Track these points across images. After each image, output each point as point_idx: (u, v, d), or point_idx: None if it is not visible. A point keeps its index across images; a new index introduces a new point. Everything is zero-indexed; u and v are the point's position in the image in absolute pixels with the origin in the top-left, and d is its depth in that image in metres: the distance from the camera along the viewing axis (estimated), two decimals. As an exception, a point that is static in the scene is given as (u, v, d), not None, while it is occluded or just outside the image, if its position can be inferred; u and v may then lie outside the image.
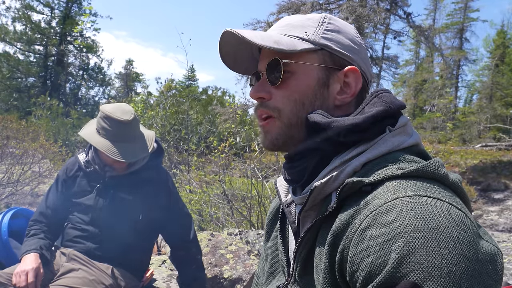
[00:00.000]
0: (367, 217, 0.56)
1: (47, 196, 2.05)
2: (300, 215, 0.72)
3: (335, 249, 0.61)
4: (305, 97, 0.74)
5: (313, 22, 0.77)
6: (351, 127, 0.66)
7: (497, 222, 7.00)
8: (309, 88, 0.74)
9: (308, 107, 0.73)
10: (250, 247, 2.46)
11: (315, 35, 0.75)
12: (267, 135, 0.76)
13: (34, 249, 1.82)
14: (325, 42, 0.75)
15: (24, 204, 4.96)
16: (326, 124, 0.68)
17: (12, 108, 22.01)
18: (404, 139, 0.68)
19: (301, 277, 0.72)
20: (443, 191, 0.58)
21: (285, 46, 0.71)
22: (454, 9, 26.81)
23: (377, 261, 0.52)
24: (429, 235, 0.50)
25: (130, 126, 1.85)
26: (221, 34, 0.74)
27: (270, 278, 0.86)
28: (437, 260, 0.48)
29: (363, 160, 0.65)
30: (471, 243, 0.51)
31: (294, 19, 0.78)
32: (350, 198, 0.62)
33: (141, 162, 1.98)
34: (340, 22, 0.79)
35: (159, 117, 8.26)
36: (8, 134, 6.08)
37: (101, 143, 1.82)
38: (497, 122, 22.27)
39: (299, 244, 0.70)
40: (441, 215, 0.52)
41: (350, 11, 9.36)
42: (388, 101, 0.70)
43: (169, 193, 2.05)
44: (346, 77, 0.75)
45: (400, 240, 0.51)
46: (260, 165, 5.16)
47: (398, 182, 0.59)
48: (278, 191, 0.84)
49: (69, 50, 26.37)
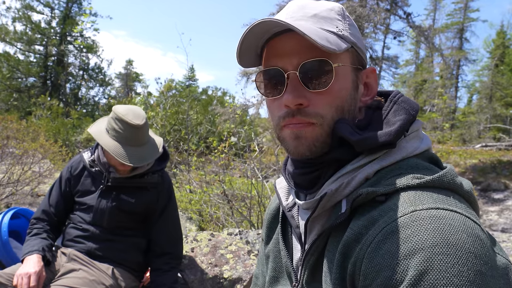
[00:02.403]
0: (382, 230, 0.54)
1: (50, 194, 2.05)
2: (307, 221, 0.70)
3: (346, 260, 0.59)
4: (345, 102, 0.67)
5: (336, 14, 0.69)
6: (383, 145, 0.63)
7: (497, 222, 7.00)
8: (347, 92, 0.68)
9: (346, 113, 0.67)
10: (250, 247, 2.46)
11: (345, 31, 0.67)
12: (302, 140, 0.66)
13: (37, 250, 1.81)
14: (353, 39, 0.69)
15: (24, 204, 4.96)
16: (359, 142, 0.63)
17: (12, 108, 21.99)
18: (417, 144, 0.66)
19: (309, 284, 0.70)
20: (459, 202, 0.57)
21: (335, 46, 0.63)
22: (454, 9, 26.81)
23: (394, 276, 0.51)
24: (448, 251, 0.49)
25: (140, 131, 1.84)
26: (257, 23, 0.63)
27: (274, 282, 0.84)
28: (456, 278, 0.48)
29: (376, 167, 0.63)
30: (487, 259, 0.51)
31: (314, 6, 0.69)
32: (362, 207, 0.60)
33: (146, 167, 1.98)
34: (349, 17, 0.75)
35: (159, 117, 8.26)
36: (8, 134, 6.08)
37: (110, 144, 1.81)
38: (497, 122, 22.27)
39: (307, 251, 0.68)
40: (459, 230, 0.51)
41: (350, 11, 9.35)
42: (409, 107, 0.67)
43: (168, 200, 2.05)
44: (367, 77, 0.72)
45: (418, 256, 0.50)
46: (260, 165, 5.16)
47: (414, 193, 0.57)
48: (278, 194, 0.81)
49: (69, 50, 26.36)
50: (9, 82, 23.31)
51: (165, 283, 1.92)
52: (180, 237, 2.09)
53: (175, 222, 2.08)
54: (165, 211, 2.02)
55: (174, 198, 2.10)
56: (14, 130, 6.50)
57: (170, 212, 2.04)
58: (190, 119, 10.83)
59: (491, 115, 22.66)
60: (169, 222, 2.04)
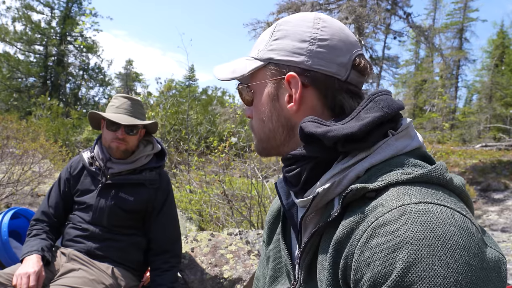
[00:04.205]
0: (372, 224, 0.55)
1: (49, 195, 2.06)
2: (302, 219, 0.71)
3: (338, 256, 0.60)
4: (263, 114, 0.77)
5: (268, 35, 0.77)
6: (347, 137, 0.64)
7: (497, 222, 7.00)
8: (263, 105, 0.77)
9: (268, 123, 0.77)
10: (250, 247, 2.46)
11: (263, 51, 0.76)
12: (255, 143, 0.83)
13: (36, 250, 1.81)
14: (269, 54, 0.75)
15: (24, 204, 4.96)
16: (322, 135, 0.65)
17: (12, 108, 22.00)
18: (408, 142, 0.66)
19: (307, 283, 0.71)
20: (448, 196, 0.58)
21: (238, 73, 0.77)
22: (453, 9, 26.83)
23: (382, 270, 0.52)
24: (435, 243, 0.50)
25: (133, 103, 2.02)
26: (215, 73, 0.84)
27: (274, 282, 0.85)
28: (443, 269, 0.48)
29: (366, 165, 0.64)
30: (476, 251, 0.51)
31: (261, 36, 0.80)
32: (353, 204, 0.61)
33: (143, 161, 2.01)
34: (293, 22, 0.75)
35: (159, 117, 8.26)
36: (8, 134, 6.08)
37: (106, 114, 1.98)
38: (497, 122, 22.28)
39: (302, 250, 0.69)
40: (447, 223, 0.52)
41: (350, 11, 9.36)
42: (384, 105, 0.66)
43: (166, 198, 2.06)
44: (289, 84, 0.72)
45: (405, 249, 0.50)
46: (260, 165, 5.16)
47: (402, 188, 0.58)
48: (279, 193, 0.82)
49: (69, 50, 26.36)
50: (9, 82, 23.32)
51: (165, 283, 1.92)
52: (179, 236, 2.09)
53: (174, 220, 2.08)
54: (163, 208, 2.03)
55: (173, 197, 2.11)
56: (14, 130, 6.51)
57: (168, 209, 2.05)
58: (190, 119, 10.84)
59: (491, 115, 22.67)
60: (168, 220, 2.04)
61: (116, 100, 2.03)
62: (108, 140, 1.98)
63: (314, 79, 0.71)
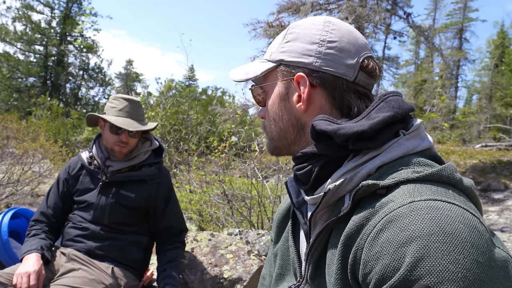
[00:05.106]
0: (382, 220, 0.56)
1: (48, 196, 2.06)
2: (312, 216, 0.72)
3: (348, 251, 0.61)
4: (274, 113, 0.80)
5: (280, 38, 0.81)
6: (357, 135, 0.65)
7: (497, 222, 7.00)
8: (274, 105, 0.80)
9: (279, 122, 0.80)
10: (250, 247, 2.46)
11: (275, 53, 0.80)
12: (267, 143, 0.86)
13: (36, 249, 1.81)
14: (281, 56, 0.78)
15: (24, 204, 4.96)
16: (333, 132, 0.67)
17: (12, 108, 22.01)
18: (418, 142, 0.68)
19: (313, 278, 0.72)
20: (457, 196, 0.58)
21: (251, 75, 0.81)
22: (453, 9, 26.83)
23: (391, 264, 0.52)
24: (444, 239, 0.50)
25: (134, 105, 2.02)
26: None
27: (280, 280, 0.86)
28: (451, 264, 0.49)
29: (377, 163, 0.65)
30: (484, 249, 0.51)
31: (275, 40, 0.84)
32: (364, 200, 0.62)
33: (142, 157, 2.02)
34: (304, 25, 0.78)
35: (159, 117, 8.25)
36: (8, 134, 6.09)
37: (107, 116, 1.96)
38: (497, 122, 22.29)
39: (311, 245, 0.70)
40: (456, 220, 0.52)
41: (350, 11, 9.36)
42: (395, 105, 0.68)
43: (169, 192, 2.07)
44: (298, 84, 0.75)
45: (415, 244, 0.51)
46: (260, 165, 5.16)
47: (413, 186, 0.59)
48: (289, 192, 0.83)
49: (69, 50, 26.37)
50: (9, 82, 23.33)
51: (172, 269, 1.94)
52: (185, 226, 2.13)
53: (180, 212, 2.12)
54: (170, 202, 2.06)
55: (174, 192, 2.13)
56: (14, 130, 6.51)
57: (173, 203, 2.08)
58: (190, 119, 10.84)
59: (491, 115, 22.67)
60: (174, 213, 2.08)
61: (117, 101, 2.02)
62: (110, 142, 1.98)
63: (323, 79, 0.73)
